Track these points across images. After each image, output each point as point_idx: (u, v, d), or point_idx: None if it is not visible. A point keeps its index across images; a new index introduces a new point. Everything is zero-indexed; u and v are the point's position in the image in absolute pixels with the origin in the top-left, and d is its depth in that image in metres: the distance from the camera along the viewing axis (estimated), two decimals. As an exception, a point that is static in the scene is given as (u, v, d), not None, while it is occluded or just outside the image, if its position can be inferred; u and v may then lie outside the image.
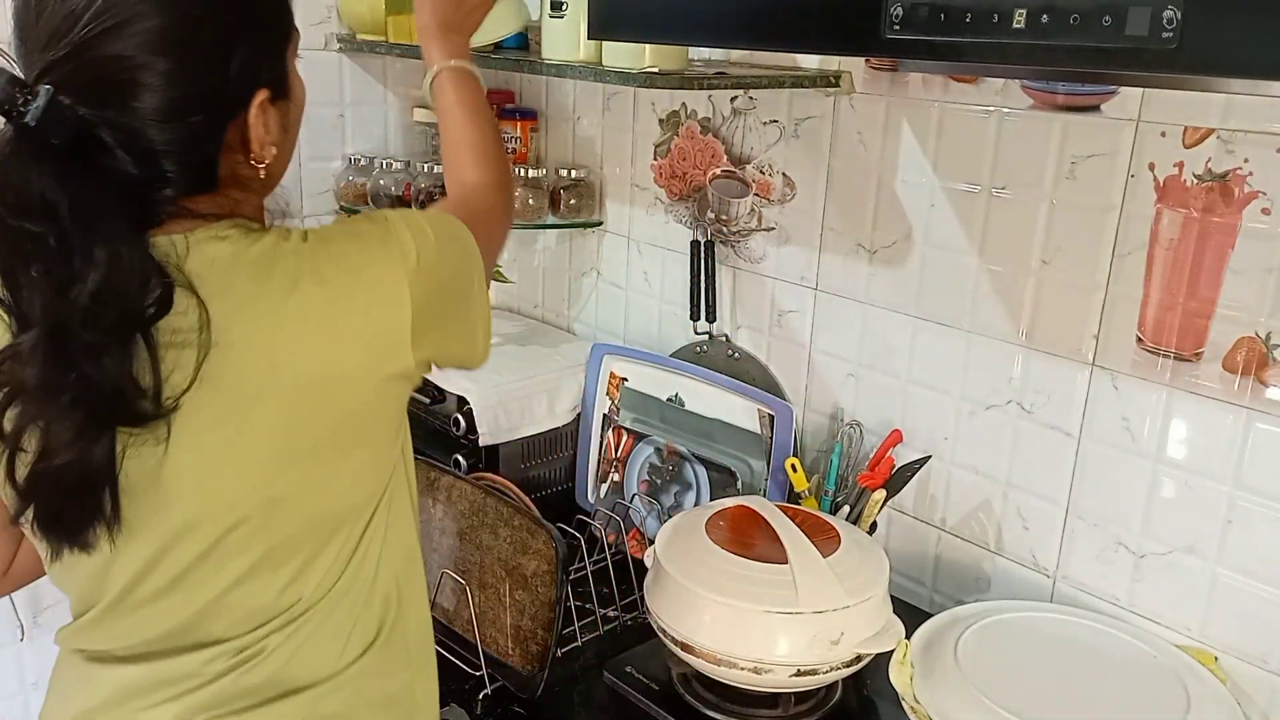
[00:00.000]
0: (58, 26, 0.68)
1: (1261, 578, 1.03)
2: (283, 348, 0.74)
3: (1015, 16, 0.72)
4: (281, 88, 0.80)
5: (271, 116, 0.79)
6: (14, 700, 1.54)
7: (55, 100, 0.66)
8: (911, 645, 1.05)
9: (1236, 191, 1.00)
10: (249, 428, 0.74)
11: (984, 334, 1.22)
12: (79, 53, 0.68)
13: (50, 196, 0.66)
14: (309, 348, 0.75)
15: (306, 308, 0.74)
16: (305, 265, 0.75)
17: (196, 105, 0.73)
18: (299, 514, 0.79)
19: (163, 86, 0.70)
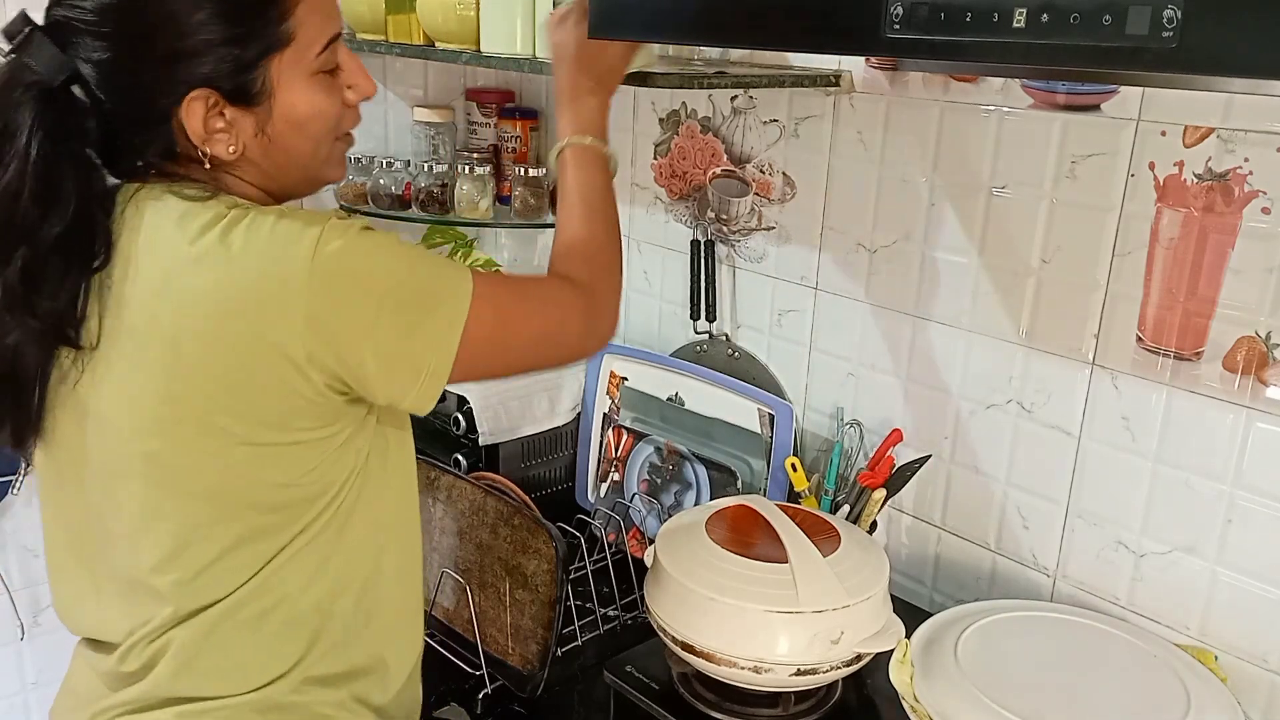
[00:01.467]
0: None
1: (1261, 577, 1.03)
2: (175, 290, 0.77)
3: (1015, 16, 0.72)
4: (245, 94, 0.80)
5: (215, 116, 0.80)
6: (14, 699, 1.54)
7: (42, 38, 0.77)
8: (911, 644, 1.05)
9: (1236, 191, 1.00)
10: (141, 367, 0.79)
11: (984, 333, 1.22)
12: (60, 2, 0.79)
13: (20, 120, 0.76)
14: (197, 295, 0.77)
15: (204, 255, 0.77)
16: (222, 223, 0.78)
17: (130, 81, 0.79)
18: (182, 484, 0.80)
19: (104, 51, 0.78)
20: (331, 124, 0.86)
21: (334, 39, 0.85)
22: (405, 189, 1.60)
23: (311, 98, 0.83)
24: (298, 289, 0.75)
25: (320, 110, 0.84)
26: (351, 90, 0.88)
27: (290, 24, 0.81)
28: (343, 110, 0.88)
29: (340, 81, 0.87)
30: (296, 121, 0.83)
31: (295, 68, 0.82)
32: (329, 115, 0.85)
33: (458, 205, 1.59)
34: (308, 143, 0.85)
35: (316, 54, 0.83)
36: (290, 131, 0.84)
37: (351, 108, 0.89)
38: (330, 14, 0.85)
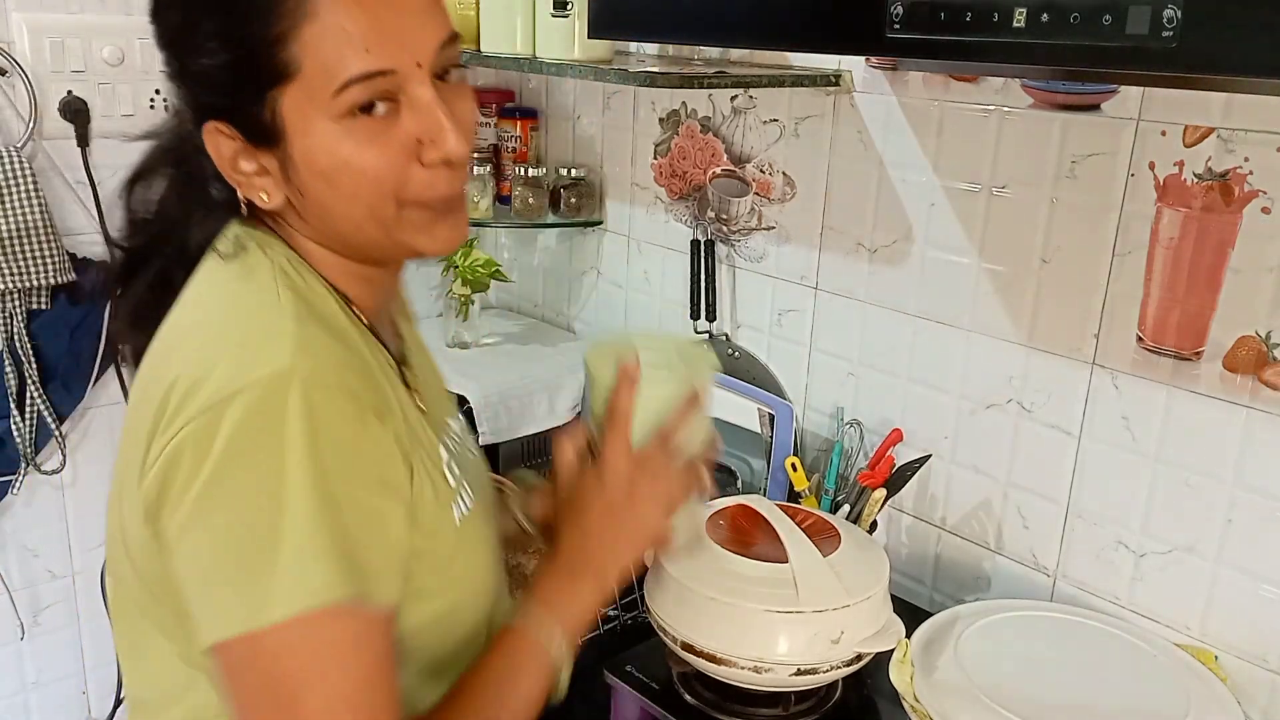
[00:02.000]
0: None
1: (1262, 577, 1.03)
2: (142, 369, 0.71)
3: (1016, 15, 0.72)
4: (259, 131, 0.66)
5: (245, 156, 0.68)
6: (14, 699, 1.54)
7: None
8: (911, 644, 1.05)
9: (1237, 190, 1.00)
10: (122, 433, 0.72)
11: (984, 333, 1.22)
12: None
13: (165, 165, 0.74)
14: (140, 380, 0.70)
15: (158, 342, 0.70)
16: (193, 301, 0.70)
17: (174, 105, 0.72)
18: (126, 573, 0.71)
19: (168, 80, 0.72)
20: (381, 184, 0.66)
21: (368, 76, 0.64)
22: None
23: (334, 146, 0.65)
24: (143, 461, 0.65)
25: (349, 163, 0.65)
26: (426, 145, 0.66)
27: (292, 52, 0.63)
28: (406, 168, 0.66)
29: (404, 131, 0.66)
30: (321, 173, 0.66)
31: (309, 107, 0.64)
32: (370, 172, 0.65)
33: (458, 205, 1.59)
34: (346, 202, 0.67)
35: (334, 92, 0.63)
36: (319, 185, 0.67)
37: (429, 168, 0.67)
38: (355, 43, 0.63)
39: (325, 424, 0.62)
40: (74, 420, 1.47)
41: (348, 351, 0.68)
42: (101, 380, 1.47)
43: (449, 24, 0.68)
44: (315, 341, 0.65)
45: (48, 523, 1.49)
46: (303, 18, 0.62)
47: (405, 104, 0.66)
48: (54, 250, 1.34)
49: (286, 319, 0.66)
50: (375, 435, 0.65)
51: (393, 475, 0.67)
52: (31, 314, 1.38)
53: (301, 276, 0.71)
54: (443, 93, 0.67)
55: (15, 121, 1.34)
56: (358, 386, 0.65)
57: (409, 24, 0.65)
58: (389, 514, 0.66)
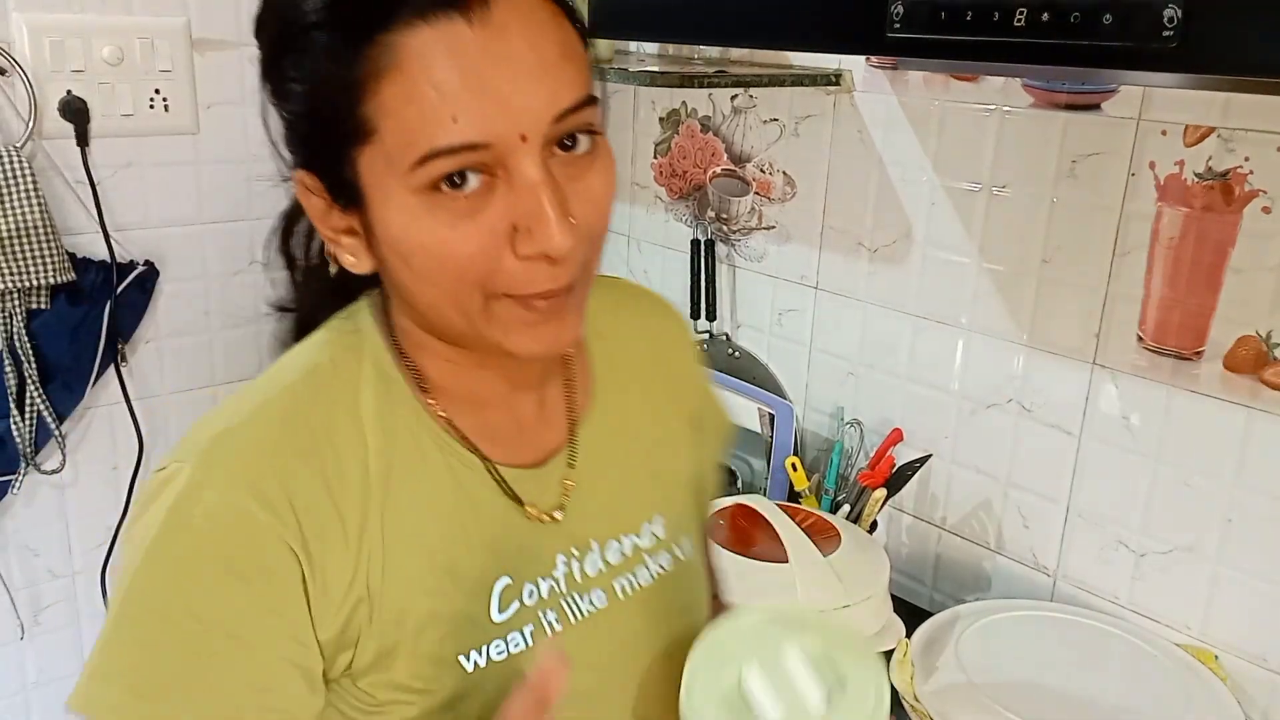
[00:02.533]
0: None
1: (1262, 576, 1.03)
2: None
3: (1016, 15, 0.72)
4: (343, 189, 0.58)
5: (334, 211, 0.59)
6: (14, 699, 1.54)
7: None
8: (912, 644, 1.05)
9: (1237, 190, 1.00)
10: None
11: (984, 333, 1.22)
12: None
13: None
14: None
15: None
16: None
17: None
18: None
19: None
20: (463, 273, 0.55)
21: (453, 151, 0.52)
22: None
23: (411, 224, 0.54)
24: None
25: (426, 246, 0.55)
26: (522, 233, 0.54)
27: (370, 109, 0.53)
28: (496, 257, 0.55)
29: (498, 212, 0.54)
30: (397, 251, 0.56)
31: (387, 175, 0.54)
32: (450, 259, 0.54)
33: (458, 205, 1.59)
34: (424, 285, 0.57)
35: (412, 164, 0.53)
36: (396, 261, 0.57)
37: (524, 260, 0.55)
38: (442, 109, 0.52)
39: (193, 547, 0.55)
40: (74, 420, 1.47)
41: (314, 456, 0.58)
42: (101, 380, 1.47)
43: (578, 86, 0.55)
44: (273, 432, 0.58)
45: (48, 522, 1.49)
46: (384, 70, 0.52)
47: (504, 179, 0.54)
48: (54, 250, 1.34)
49: (268, 410, 0.60)
50: (259, 589, 0.55)
51: (263, 633, 0.56)
52: (31, 314, 1.38)
53: (374, 358, 0.63)
54: (560, 167, 0.55)
55: (15, 121, 1.34)
56: (284, 499, 0.56)
57: (517, 87, 0.52)
58: (233, 665, 0.55)
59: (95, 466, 1.51)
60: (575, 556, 0.68)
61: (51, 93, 1.36)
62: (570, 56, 0.55)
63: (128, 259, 1.46)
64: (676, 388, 0.77)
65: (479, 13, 0.52)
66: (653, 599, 0.70)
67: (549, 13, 0.55)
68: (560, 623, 0.66)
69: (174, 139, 1.46)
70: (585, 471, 0.69)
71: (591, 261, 0.60)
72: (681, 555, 0.73)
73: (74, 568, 1.54)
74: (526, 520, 0.66)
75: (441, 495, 0.63)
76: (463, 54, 0.51)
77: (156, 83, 1.43)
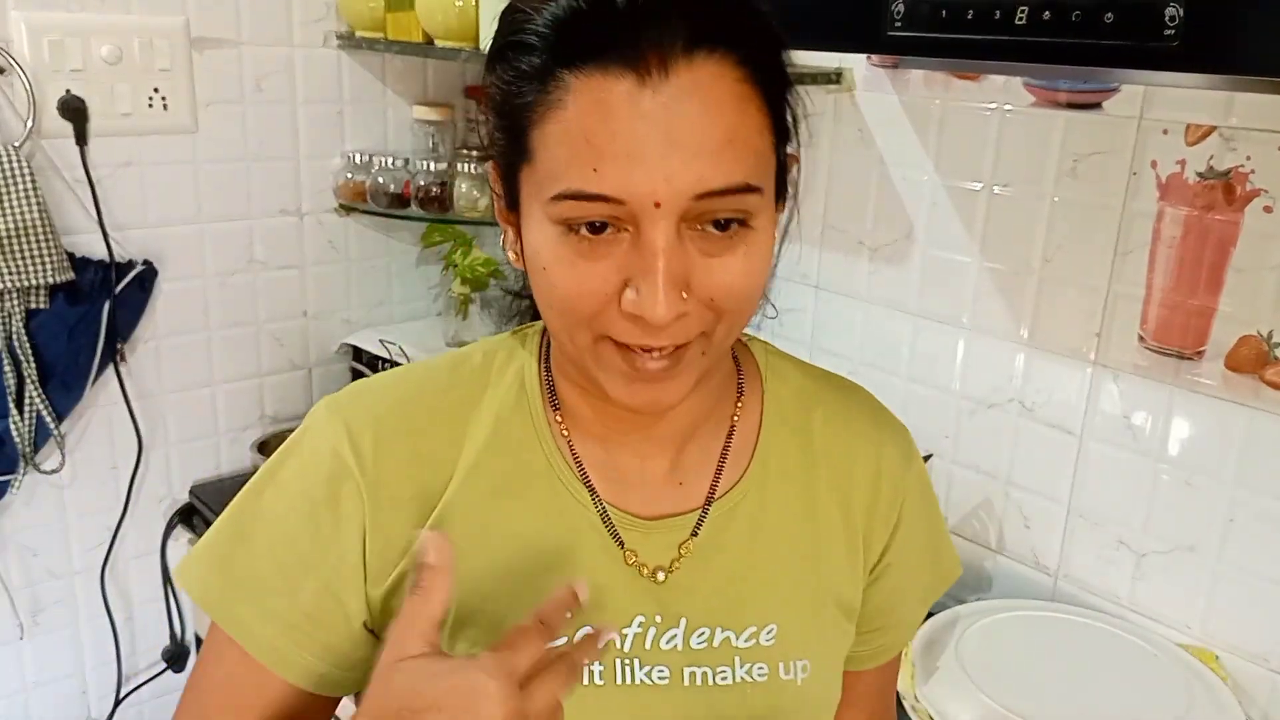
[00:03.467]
0: None
1: (1263, 576, 1.03)
2: None
3: (1017, 13, 0.72)
4: (510, 193, 0.61)
5: (499, 199, 0.63)
6: (14, 699, 1.54)
7: None
8: (912, 644, 1.04)
9: (1238, 189, 0.99)
10: None
11: (985, 332, 1.22)
12: None
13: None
14: None
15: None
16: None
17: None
18: None
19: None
20: (572, 307, 0.57)
21: (586, 197, 0.54)
22: (404, 187, 1.60)
23: (541, 246, 0.57)
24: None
25: (548, 270, 0.57)
26: (630, 288, 0.55)
27: (535, 137, 0.56)
28: (606, 302, 0.56)
29: (619, 263, 0.56)
30: (530, 263, 0.59)
31: (534, 198, 0.57)
32: (561, 288, 0.57)
33: (457, 204, 1.59)
34: (544, 303, 0.60)
35: (549, 196, 0.55)
36: (531, 273, 0.60)
37: (626, 318, 0.56)
38: (587, 157, 0.53)
39: (298, 466, 0.65)
40: (73, 420, 1.47)
41: (416, 432, 0.65)
42: (100, 380, 1.46)
43: (736, 173, 0.54)
44: (392, 399, 0.66)
45: (47, 522, 1.49)
46: (553, 104, 0.54)
47: (633, 235, 0.55)
48: (52, 249, 1.34)
49: (402, 380, 0.68)
50: (324, 515, 0.63)
51: (315, 553, 0.63)
52: (30, 313, 1.37)
53: (522, 367, 0.68)
54: (699, 241, 0.56)
55: (14, 120, 1.34)
56: (372, 454, 0.63)
57: (665, 157, 0.53)
58: (291, 581, 0.63)
59: (94, 466, 1.51)
60: (656, 624, 0.65)
61: (50, 92, 1.36)
62: (740, 143, 0.55)
63: (126, 258, 1.46)
64: (864, 509, 0.71)
65: (656, 77, 0.53)
66: (726, 704, 0.66)
67: (735, 94, 0.55)
68: (604, 678, 0.64)
69: (173, 138, 1.46)
70: (707, 546, 0.67)
71: (720, 332, 0.59)
72: (786, 675, 0.67)
73: (73, 568, 1.53)
74: (623, 566, 0.65)
75: (534, 511, 0.65)
76: (622, 113, 0.53)
77: (155, 82, 1.42)
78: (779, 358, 0.75)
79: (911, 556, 0.74)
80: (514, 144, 0.57)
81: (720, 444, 0.69)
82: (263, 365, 1.64)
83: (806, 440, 0.71)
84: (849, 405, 0.74)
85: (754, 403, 0.71)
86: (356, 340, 1.66)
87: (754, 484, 0.68)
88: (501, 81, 0.58)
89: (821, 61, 1.30)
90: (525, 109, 0.56)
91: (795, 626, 0.68)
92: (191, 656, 1.67)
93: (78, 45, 1.36)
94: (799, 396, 0.72)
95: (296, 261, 1.62)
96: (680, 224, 0.55)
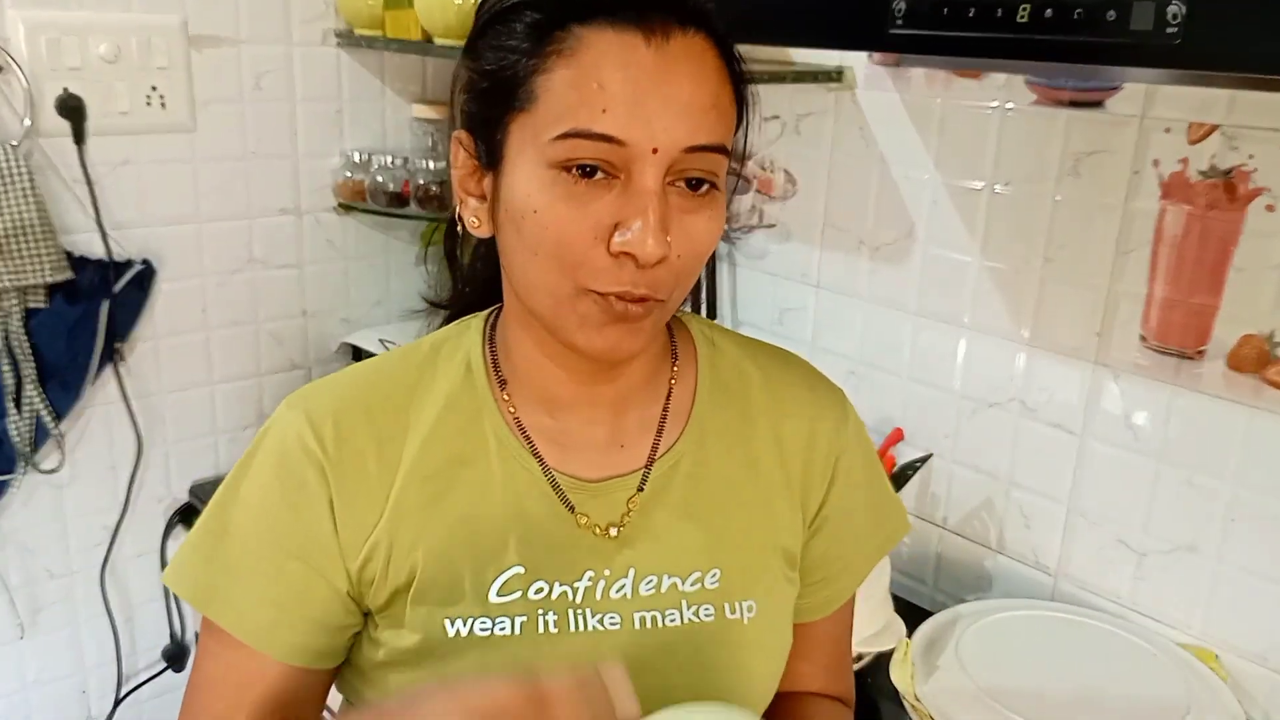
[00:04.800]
0: None
1: (1263, 576, 1.03)
2: None
3: (1019, 11, 0.72)
4: (489, 152, 0.64)
5: (474, 175, 0.66)
6: (14, 698, 1.54)
7: None
8: (913, 644, 1.04)
9: (1240, 188, 0.99)
10: None
11: (986, 331, 1.22)
12: None
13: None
14: None
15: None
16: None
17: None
18: None
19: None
20: (560, 248, 0.60)
21: (593, 136, 0.58)
22: (403, 186, 1.59)
23: (532, 190, 0.60)
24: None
25: (538, 213, 0.60)
26: (621, 230, 0.59)
27: (539, 83, 0.60)
28: (590, 246, 0.60)
29: (607, 207, 0.60)
30: (512, 213, 0.62)
31: (529, 142, 0.61)
32: (552, 228, 0.60)
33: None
34: (526, 252, 0.62)
35: (555, 136, 0.59)
36: (508, 227, 0.63)
37: (613, 255, 0.60)
38: (597, 100, 0.58)
39: (266, 458, 0.68)
40: (72, 419, 1.46)
41: (371, 414, 0.69)
42: (100, 379, 1.46)
43: (717, 134, 0.61)
44: (347, 388, 0.70)
45: (46, 522, 1.49)
46: (563, 53, 0.59)
47: (624, 182, 0.60)
48: (51, 248, 1.33)
49: (358, 371, 0.72)
50: (296, 497, 0.67)
51: (293, 533, 0.67)
52: (29, 312, 1.37)
53: (467, 351, 0.72)
54: (675, 198, 0.61)
55: (11, 119, 1.33)
56: (333, 438, 0.68)
57: (665, 108, 0.59)
58: (275, 564, 0.67)
59: (93, 465, 1.51)
60: (605, 577, 0.70)
61: (48, 90, 1.35)
62: (720, 109, 0.62)
63: (125, 257, 1.45)
64: (801, 464, 0.75)
65: (659, 39, 0.59)
66: (677, 644, 0.70)
67: (716, 69, 0.62)
68: (559, 628, 0.68)
69: (171, 136, 1.46)
70: (651, 502, 0.71)
71: (674, 294, 0.64)
72: (732, 615, 0.72)
73: (72, 567, 1.53)
74: (575, 528, 0.70)
75: (485, 480, 0.69)
76: (631, 64, 0.59)
77: (153, 80, 1.42)
78: (716, 330, 0.79)
79: (850, 510, 0.78)
80: (506, 97, 0.62)
81: (658, 409, 0.74)
82: (261, 364, 1.63)
83: (744, 403, 0.75)
84: (785, 370, 0.78)
85: (689, 370, 0.75)
86: (355, 339, 1.66)
87: (691, 443, 0.73)
88: (495, 44, 0.62)
89: (822, 59, 1.30)
90: (527, 60, 0.60)
91: (738, 570, 0.72)
92: (191, 656, 1.67)
93: (75, 43, 1.36)
94: (735, 364, 0.76)
95: (295, 260, 1.62)
96: (665, 176, 0.60)
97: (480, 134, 0.64)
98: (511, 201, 0.62)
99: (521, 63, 0.61)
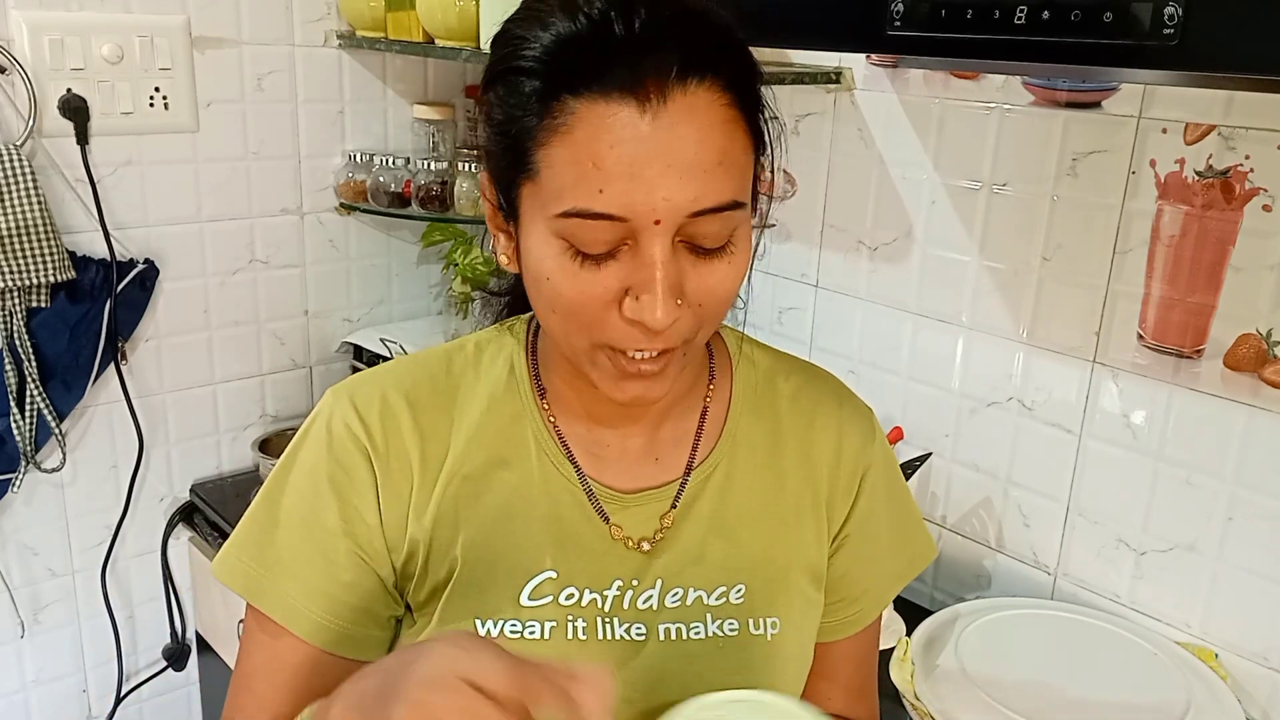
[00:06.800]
0: None
1: (1262, 574, 1.03)
2: None
3: (1017, 13, 0.72)
4: (507, 204, 0.64)
5: (492, 206, 0.66)
6: (14, 698, 1.54)
7: None
8: (912, 643, 1.05)
9: (1237, 188, 1.00)
10: None
11: (985, 331, 1.22)
12: None
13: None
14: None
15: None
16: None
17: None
18: None
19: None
20: (574, 314, 0.61)
21: (592, 215, 0.58)
22: (405, 186, 1.60)
23: (544, 257, 0.61)
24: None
25: (550, 280, 0.61)
26: (630, 302, 0.60)
27: (539, 157, 0.59)
28: (605, 311, 0.61)
29: (617, 274, 0.60)
30: (529, 273, 0.63)
31: (537, 211, 0.61)
32: (565, 298, 0.61)
33: (457, 203, 1.59)
34: (544, 309, 0.63)
35: (554, 213, 0.59)
36: (529, 281, 0.64)
37: (628, 323, 0.60)
38: (592, 180, 0.57)
39: (314, 446, 0.69)
40: (74, 419, 1.47)
41: (417, 408, 0.70)
42: (101, 379, 1.46)
43: (726, 192, 0.59)
44: (394, 380, 0.71)
45: (47, 521, 1.49)
46: (558, 128, 0.58)
47: (632, 248, 0.59)
48: (54, 248, 1.34)
49: (404, 363, 0.73)
50: (344, 484, 0.68)
51: (342, 521, 0.68)
52: (31, 312, 1.37)
53: (511, 355, 0.73)
54: (690, 254, 0.60)
55: (14, 119, 1.34)
56: (380, 428, 0.69)
57: (665, 179, 0.57)
58: (326, 553, 0.68)
59: (95, 465, 1.51)
60: (634, 587, 0.70)
61: (51, 91, 1.36)
62: (729, 163, 0.59)
63: (127, 257, 1.46)
64: (827, 480, 0.75)
65: (655, 103, 0.57)
66: (700, 657, 0.71)
67: (724, 118, 0.59)
68: (587, 634, 0.69)
69: (174, 137, 1.46)
70: (681, 515, 0.72)
71: (699, 334, 0.64)
72: (756, 631, 0.72)
73: (73, 566, 1.54)
74: (607, 538, 0.71)
75: (525, 483, 0.70)
76: (625, 138, 0.57)
77: (156, 81, 1.42)
78: (751, 345, 0.79)
79: (874, 528, 0.78)
80: (516, 160, 0.61)
81: (694, 423, 0.74)
82: (263, 364, 1.64)
83: (774, 419, 0.76)
84: (815, 386, 0.78)
85: (724, 386, 0.76)
86: (357, 339, 1.67)
87: (723, 457, 0.74)
88: (502, 101, 0.61)
89: (821, 61, 1.30)
90: (529, 130, 0.59)
91: (762, 586, 0.73)
92: (192, 656, 1.67)
93: (78, 44, 1.36)
94: (767, 379, 0.77)
95: (297, 260, 1.63)
96: (674, 237, 0.59)
97: (499, 185, 0.64)
98: (528, 260, 0.63)
99: (526, 131, 0.59)
